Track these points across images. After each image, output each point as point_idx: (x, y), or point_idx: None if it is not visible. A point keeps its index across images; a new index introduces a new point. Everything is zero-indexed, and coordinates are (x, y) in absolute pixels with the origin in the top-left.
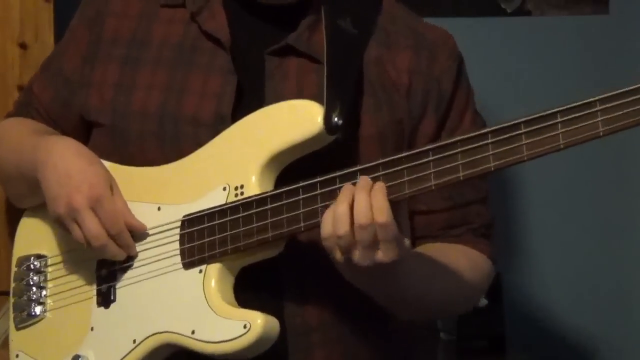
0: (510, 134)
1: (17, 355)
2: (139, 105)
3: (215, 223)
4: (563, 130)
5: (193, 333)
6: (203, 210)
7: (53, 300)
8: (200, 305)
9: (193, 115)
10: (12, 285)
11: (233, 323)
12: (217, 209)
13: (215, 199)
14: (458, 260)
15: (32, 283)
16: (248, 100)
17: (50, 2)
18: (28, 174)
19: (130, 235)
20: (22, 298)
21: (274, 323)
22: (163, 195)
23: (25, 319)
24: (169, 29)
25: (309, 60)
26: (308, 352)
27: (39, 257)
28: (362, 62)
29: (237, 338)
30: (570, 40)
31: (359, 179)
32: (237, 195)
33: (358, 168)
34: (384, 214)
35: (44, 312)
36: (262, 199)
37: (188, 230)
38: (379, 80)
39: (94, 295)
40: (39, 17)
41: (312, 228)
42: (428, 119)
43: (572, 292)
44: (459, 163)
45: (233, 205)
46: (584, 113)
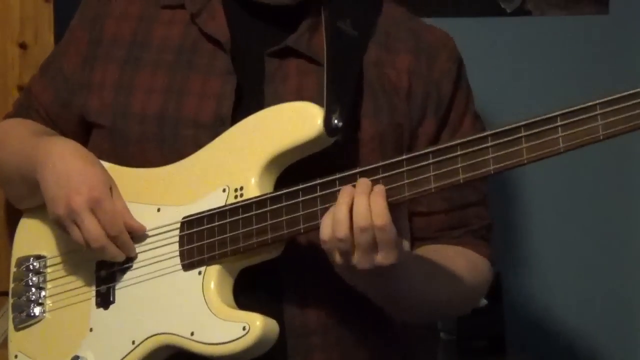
0: (510, 137)
1: (16, 356)
2: (139, 107)
3: (215, 225)
4: (563, 134)
5: (192, 335)
6: (203, 212)
7: (52, 301)
8: (200, 307)
9: (193, 117)
10: (11, 286)
11: (232, 325)
12: (216, 211)
13: (215, 201)
14: (457, 263)
15: (31, 284)
16: (248, 102)
17: (50, 2)
18: (27, 175)
19: (130, 237)
20: (21, 299)
21: (273, 325)
22: (162, 197)
23: (25, 320)
24: (169, 31)
25: (309, 62)
26: (307, 354)
27: (38, 257)
28: (362, 64)
29: (236, 340)
30: (570, 40)
31: (359, 182)
32: (236, 197)
33: (358, 170)
34: (383, 217)
35: (43, 312)
36: (261, 201)
37: (187, 232)
38: (379, 83)
39: (93, 297)
40: (39, 17)
41: (311, 230)
42: (428, 122)
43: (572, 292)
44: (459, 166)
45: (233, 207)
46: (584, 117)
